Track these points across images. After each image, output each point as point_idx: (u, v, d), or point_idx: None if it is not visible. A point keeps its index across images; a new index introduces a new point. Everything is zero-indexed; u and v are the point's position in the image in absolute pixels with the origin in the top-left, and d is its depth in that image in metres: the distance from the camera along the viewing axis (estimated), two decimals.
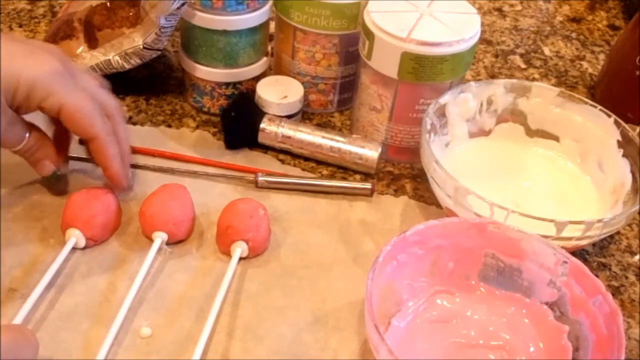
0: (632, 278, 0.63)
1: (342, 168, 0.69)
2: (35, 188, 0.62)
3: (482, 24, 0.74)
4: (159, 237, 0.57)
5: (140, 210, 0.59)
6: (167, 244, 0.58)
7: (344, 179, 0.68)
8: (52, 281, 0.55)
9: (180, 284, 0.57)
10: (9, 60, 0.52)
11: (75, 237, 0.57)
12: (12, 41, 0.54)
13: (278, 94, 0.70)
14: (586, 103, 0.68)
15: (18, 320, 0.50)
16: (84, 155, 0.64)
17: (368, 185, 0.66)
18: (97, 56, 0.71)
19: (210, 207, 0.63)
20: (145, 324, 0.53)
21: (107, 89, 0.60)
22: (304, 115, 0.75)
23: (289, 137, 0.68)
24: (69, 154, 0.64)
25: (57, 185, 0.59)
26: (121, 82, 0.71)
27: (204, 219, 0.62)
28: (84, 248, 0.58)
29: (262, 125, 0.68)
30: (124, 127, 0.60)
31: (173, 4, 0.65)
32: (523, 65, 0.88)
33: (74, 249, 0.57)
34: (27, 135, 0.57)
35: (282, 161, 0.70)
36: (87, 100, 0.55)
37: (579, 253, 0.63)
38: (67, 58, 0.57)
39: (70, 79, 0.54)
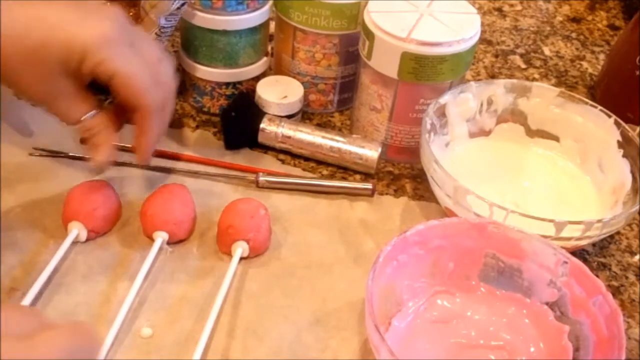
0: (632, 278, 0.63)
1: (342, 168, 0.69)
2: (36, 188, 0.62)
3: (482, 24, 0.74)
4: (160, 237, 0.58)
5: (141, 210, 0.59)
6: (168, 243, 0.58)
7: (344, 179, 0.69)
8: (52, 280, 0.55)
9: (180, 284, 0.57)
10: (61, 28, 0.50)
11: (77, 229, 0.57)
12: (65, 5, 0.51)
13: (278, 94, 0.70)
14: (586, 103, 0.68)
15: None
16: (86, 155, 0.64)
17: (369, 186, 0.66)
18: None
19: (211, 206, 0.63)
20: (146, 324, 0.53)
21: (169, 61, 0.57)
22: (304, 115, 0.75)
23: (289, 137, 0.68)
24: (72, 154, 0.65)
25: (98, 172, 0.58)
26: None
27: (204, 219, 0.62)
28: (86, 241, 0.58)
29: (262, 125, 0.68)
30: (172, 105, 0.58)
31: (173, 4, 0.65)
32: (523, 65, 0.89)
33: (75, 242, 0.57)
34: (92, 113, 0.55)
35: (282, 161, 0.70)
36: (142, 69, 0.53)
37: (579, 253, 0.63)
38: (126, 23, 0.54)
39: (126, 46, 0.52)
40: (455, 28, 0.65)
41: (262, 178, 0.65)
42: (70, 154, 0.65)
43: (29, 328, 0.35)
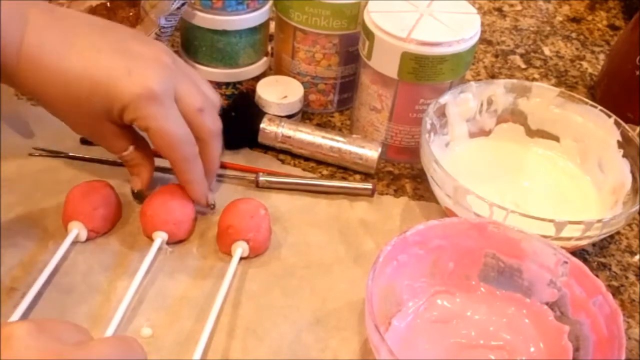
0: (632, 278, 0.63)
1: (342, 168, 0.69)
2: (36, 188, 0.62)
3: (482, 24, 0.74)
4: (160, 237, 0.58)
5: (141, 210, 0.59)
6: (168, 243, 0.58)
7: (344, 179, 0.69)
8: (53, 280, 0.55)
9: (180, 284, 0.57)
10: (107, 82, 0.53)
11: (77, 229, 0.57)
12: (113, 54, 0.54)
13: (278, 94, 0.70)
14: (586, 103, 0.68)
15: (16, 317, 0.50)
16: (86, 155, 0.64)
17: (369, 186, 0.66)
18: None
19: None
20: (146, 324, 0.53)
21: (211, 110, 0.59)
22: (304, 115, 0.75)
23: (289, 137, 0.68)
24: (72, 154, 0.65)
25: (137, 198, 0.62)
26: None
27: (204, 219, 0.62)
28: (86, 240, 0.58)
29: (262, 125, 0.68)
30: (216, 149, 0.60)
31: (173, 4, 0.65)
32: (523, 65, 0.89)
33: (75, 242, 0.57)
34: (131, 148, 0.59)
35: (282, 161, 0.70)
36: (177, 124, 0.55)
37: (579, 253, 0.63)
38: (173, 68, 0.56)
39: (166, 99, 0.54)
40: (455, 28, 0.65)
41: (262, 178, 0.65)
42: (70, 154, 0.65)
43: (80, 338, 0.39)
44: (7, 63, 0.52)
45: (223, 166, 0.67)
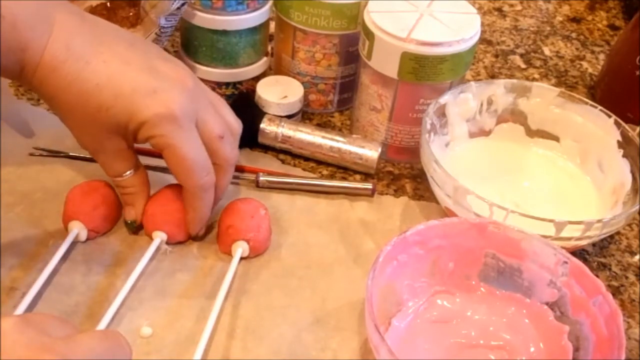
0: (632, 278, 0.63)
1: (342, 168, 0.69)
2: (36, 188, 0.62)
3: (482, 24, 0.74)
4: (159, 237, 0.58)
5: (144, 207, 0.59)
6: (168, 244, 0.58)
7: (344, 179, 0.69)
8: (52, 280, 0.55)
9: (180, 284, 0.57)
10: (129, 96, 0.51)
11: (77, 229, 0.57)
12: (140, 70, 0.53)
13: (278, 94, 0.70)
14: (586, 103, 0.68)
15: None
16: (86, 155, 0.64)
17: (369, 186, 0.66)
18: None
19: None
20: (146, 324, 0.53)
21: (230, 138, 0.58)
22: (304, 115, 0.75)
23: (289, 137, 0.68)
24: (72, 154, 0.65)
25: (130, 228, 0.59)
26: None
27: None
28: (86, 240, 0.58)
29: (262, 126, 0.68)
30: (227, 179, 0.59)
31: (173, 4, 0.65)
32: (523, 65, 0.89)
33: (75, 242, 0.57)
34: (129, 173, 0.57)
35: (282, 161, 0.70)
36: (196, 149, 0.54)
37: (579, 253, 0.63)
38: (197, 92, 0.55)
39: (187, 122, 0.53)
40: (455, 28, 0.65)
41: (262, 178, 0.65)
42: (70, 154, 0.65)
43: (67, 332, 0.39)
44: (28, 63, 0.50)
45: None
